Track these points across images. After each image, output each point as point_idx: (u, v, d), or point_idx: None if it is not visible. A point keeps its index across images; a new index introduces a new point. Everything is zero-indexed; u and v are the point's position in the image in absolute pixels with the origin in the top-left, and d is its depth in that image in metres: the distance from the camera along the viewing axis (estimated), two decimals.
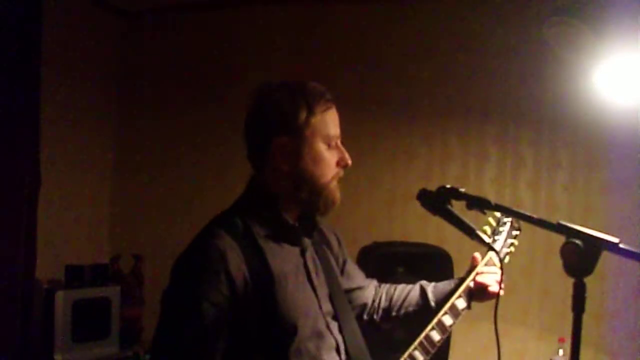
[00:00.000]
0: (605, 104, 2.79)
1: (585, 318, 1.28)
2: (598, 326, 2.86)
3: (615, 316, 2.86)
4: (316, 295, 1.54)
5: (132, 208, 3.88)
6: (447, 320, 1.70)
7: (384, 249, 2.78)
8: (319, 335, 1.50)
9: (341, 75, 3.40)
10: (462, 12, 3.30)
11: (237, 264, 1.40)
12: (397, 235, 3.16)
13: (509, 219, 1.83)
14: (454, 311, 1.71)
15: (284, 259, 1.50)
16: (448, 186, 1.49)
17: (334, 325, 1.56)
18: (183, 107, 3.80)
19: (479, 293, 1.73)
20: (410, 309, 1.77)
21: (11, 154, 3.00)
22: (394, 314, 1.78)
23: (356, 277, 1.81)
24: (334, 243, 1.75)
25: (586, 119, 3.01)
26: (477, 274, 1.73)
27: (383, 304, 1.80)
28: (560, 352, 2.70)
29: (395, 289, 1.82)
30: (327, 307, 1.57)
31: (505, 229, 1.83)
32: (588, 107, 2.93)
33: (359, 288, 1.80)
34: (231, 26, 3.75)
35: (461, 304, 1.72)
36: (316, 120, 1.50)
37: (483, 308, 1.81)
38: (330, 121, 1.53)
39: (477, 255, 1.77)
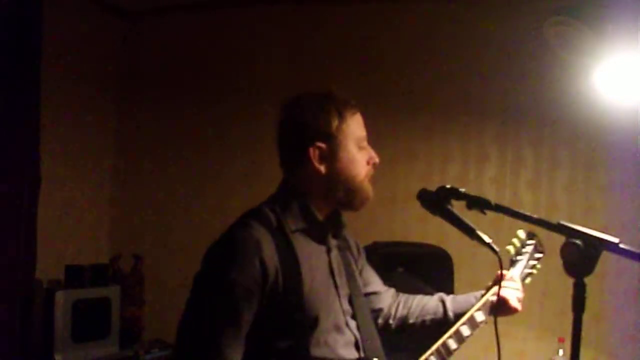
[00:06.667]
0: (605, 104, 2.80)
1: (585, 318, 1.28)
2: (598, 326, 2.86)
3: (615, 316, 2.86)
4: (337, 293, 1.63)
5: (132, 208, 3.88)
6: (465, 331, 1.74)
7: (384, 249, 2.78)
8: (338, 330, 1.59)
9: (340, 76, 3.39)
10: (461, 12, 3.30)
11: (270, 253, 1.49)
12: (398, 236, 3.16)
13: (533, 242, 1.87)
14: (473, 323, 1.75)
15: (312, 255, 1.60)
16: (448, 186, 1.50)
17: (353, 324, 1.65)
18: (183, 107, 3.80)
19: (499, 307, 1.75)
20: (428, 317, 1.83)
21: (11, 154, 3.00)
22: (410, 321, 1.84)
23: (373, 283, 1.89)
24: (354, 250, 1.84)
25: (586, 119, 3.01)
26: (500, 288, 1.74)
27: (400, 311, 1.86)
28: (560, 352, 2.70)
29: (414, 299, 1.88)
30: (346, 306, 1.65)
31: (528, 250, 1.86)
32: (588, 107, 2.93)
33: (375, 293, 1.87)
34: (231, 26, 3.75)
35: (480, 316, 1.76)
36: (347, 125, 1.64)
37: None
38: (358, 124, 1.68)
39: (505, 272, 1.78)
